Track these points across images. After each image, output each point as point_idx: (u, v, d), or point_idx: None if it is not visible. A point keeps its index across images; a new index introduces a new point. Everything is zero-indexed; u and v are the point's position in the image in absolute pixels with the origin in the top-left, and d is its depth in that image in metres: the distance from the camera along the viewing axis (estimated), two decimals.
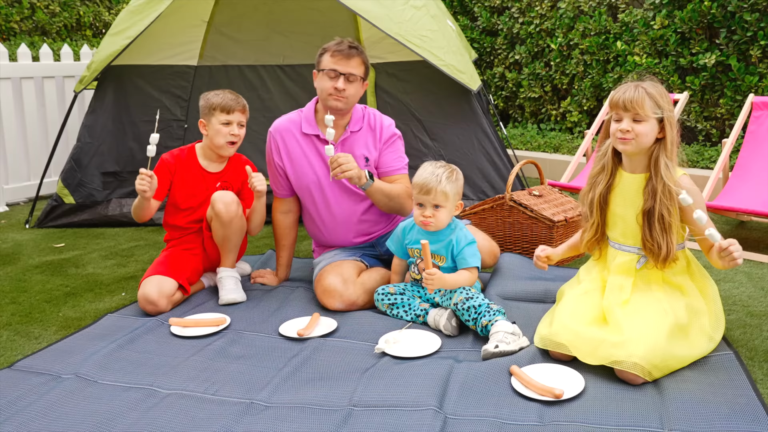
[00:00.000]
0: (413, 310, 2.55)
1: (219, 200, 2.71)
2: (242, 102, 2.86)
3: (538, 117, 6.37)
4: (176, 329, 2.46)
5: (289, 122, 2.85)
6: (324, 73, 2.69)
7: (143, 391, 2.00)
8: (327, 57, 2.70)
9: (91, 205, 4.14)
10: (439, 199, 2.47)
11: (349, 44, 2.70)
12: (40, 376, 2.11)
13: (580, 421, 1.82)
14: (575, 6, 5.69)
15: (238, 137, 2.84)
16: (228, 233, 2.75)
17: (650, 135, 2.16)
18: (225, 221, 2.72)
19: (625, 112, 2.17)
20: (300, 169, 2.82)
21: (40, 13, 6.28)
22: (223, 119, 2.79)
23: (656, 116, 2.15)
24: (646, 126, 2.15)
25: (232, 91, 2.89)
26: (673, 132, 2.16)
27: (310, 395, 1.98)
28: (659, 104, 2.15)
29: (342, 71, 2.67)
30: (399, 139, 2.89)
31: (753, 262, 3.23)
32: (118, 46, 3.89)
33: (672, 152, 2.17)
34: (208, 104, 2.81)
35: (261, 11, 4.41)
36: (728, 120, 4.91)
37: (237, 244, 2.83)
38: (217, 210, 2.71)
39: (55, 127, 4.87)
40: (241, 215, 2.77)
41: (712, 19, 4.75)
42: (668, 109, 2.17)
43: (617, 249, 2.30)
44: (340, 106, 2.71)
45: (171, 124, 4.29)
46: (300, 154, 2.81)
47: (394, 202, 2.77)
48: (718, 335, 2.22)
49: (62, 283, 3.10)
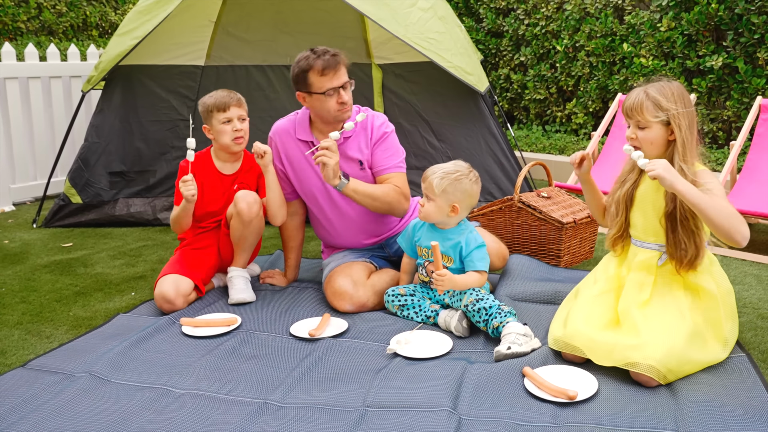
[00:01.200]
0: (424, 311, 2.55)
1: (242, 199, 2.71)
2: (236, 96, 2.83)
3: (543, 119, 6.37)
4: (187, 329, 2.46)
5: (286, 124, 2.83)
6: (326, 95, 2.59)
7: (157, 391, 2.00)
8: (315, 77, 2.57)
9: (99, 204, 4.14)
10: (428, 189, 2.48)
11: (329, 54, 2.58)
12: (53, 375, 2.11)
13: (594, 423, 1.82)
14: (581, 8, 5.69)
15: (242, 131, 2.82)
16: (246, 233, 2.76)
17: (657, 140, 2.14)
18: (246, 220, 2.71)
19: (629, 119, 2.17)
20: (302, 173, 2.80)
21: (47, 13, 6.29)
22: (222, 118, 2.78)
23: (659, 120, 2.11)
24: (649, 132, 2.13)
25: (224, 89, 2.89)
26: (683, 132, 2.11)
27: (324, 396, 1.98)
28: (662, 107, 2.10)
29: (339, 85, 2.59)
30: (391, 136, 2.78)
31: (762, 265, 3.23)
32: (126, 46, 3.89)
33: (686, 153, 2.11)
34: (205, 108, 2.81)
35: (268, 11, 4.41)
36: (735, 122, 4.91)
37: (252, 245, 2.83)
38: (239, 208, 2.70)
39: (61, 126, 4.87)
40: (261, 216, 2.77)
41: (719, 22, 4.75)
42: (675, 109, 2.10)
43: (638, 246, 2.28)
44: (350, 115, 2.69)
45: (178, 124, 4.30)
46: (301, 158, 2.78)
47: (379, 202, 2.67)
48: (732, 340, 2.21)
49: (71, 283, 3.10)
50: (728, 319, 2.21)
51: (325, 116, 2.68)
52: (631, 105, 2.14)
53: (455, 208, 2.48)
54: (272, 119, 4.25)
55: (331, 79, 2.58)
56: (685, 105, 2.13)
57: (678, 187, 2.00)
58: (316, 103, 2.64)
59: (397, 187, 2.71)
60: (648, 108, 2.11)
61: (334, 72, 2.58)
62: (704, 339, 2.12)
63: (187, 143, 2.65)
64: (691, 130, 2.13)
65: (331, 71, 2.57)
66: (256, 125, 4.36)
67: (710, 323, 2.16)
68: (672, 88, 2.14)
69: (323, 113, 2.67)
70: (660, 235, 2.21)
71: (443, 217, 2.51)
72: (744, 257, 3.33)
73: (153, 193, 4.23)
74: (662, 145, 2.15)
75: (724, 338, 2.17)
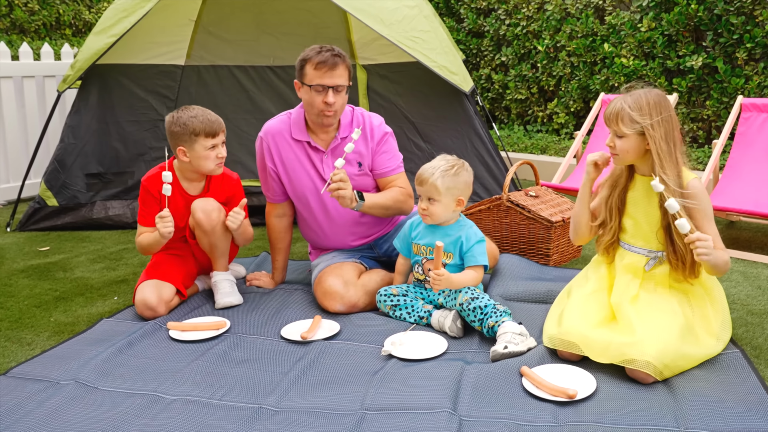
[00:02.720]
0: (417, 311, 2.51)
1: (199, 209, 2.62)
2: (219, 119, 2.66)
3: (525, 119, 6.39)
4: (175, 333, 2.39)
5: (279, 125, 2.75)
6: (312, 89, 2.56)
7: (147, 397, 1.94)
8: (310, 69, 2.55)
9: (76, 207, 4.03)
10: (431, 192, 2.44)
11: (331, 53, 2.55)
12: (37, 383, 2.02)
13: (595, 422, 1.80)
14: (562, 8, 5.72)
15: (224, 157, 2.68)
16: (213, 240, 2.68)
17: (633, 149, 2.14)
18: (207, 230, 2.64)
19: (608, 127, 2.18)
20: (295, 175, 2.74)
21: (19, 11, 6.12)
22: (209, 144, 2.60)
23: (635, 131, 2.11)
24: (626, 142, 2.14)
25: (203, 108, 2.65)
26: (656, 144, 2.09)
27: (320, 399, 1.93)
28: (634, 119, 2.10)
29: (329, 84, 2.54)
30: (391, 137, 2.79)
31: (747, 262, 3.26)
32: (103, 45, 3.80)
33: (663, 164, 2.09)
34: (188, 130, 2.56)
35: (250, 11, 4.34)
36: (715, 122, 4.98)
37: (225, 249, 2.75)
38: (197, 219, 2.62)
39: (34, 127, 4.74)
40: (224, 221, 2.65)
41: (698, 22, 4.81)
42: (649, 122, 2.09)
43: (626, 249, 2.29)
44: (331, 122, 2.64)
45: (157, 125, 4.21)
46: (294, 159, 2.72)
47: (391, 210, 2.72)
48: (726, 335, 2.22)
49: (51, 288, 3.00)
50: (718, 313, 2.23)
51: (309, 113, 2.64)
52: (608, 114, 2.16)
53: (461, 201, 2.48)
54: (255, 121, 4.22)
55: (323, 76, 2.54)
56: (663, 114, 2.11)
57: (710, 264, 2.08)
58: (305, 96, 2.61)
59: (402, 189, 2.74)
60: (623, 119, 2.12)
61: (329, 69, 2.54)
62: (696, 334, 2.13)
63: (163, 177, 2.46)
64: (668, 139, 2.11)
65: (325, 67, 2.53)
66: (239, 127, 4.31)
67: (700, 318, 2.18)
68: (650, 97, 2.12)
69: (308, 109, 2.63)
70: (649, 240, 2.23)
71: (449, 214, 2.49)
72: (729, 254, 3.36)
73: (132, 195, 4.13)
74: (639, 153, 2.16)
75: (716, 333, 2.19)
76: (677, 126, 2.16)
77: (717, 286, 2.29)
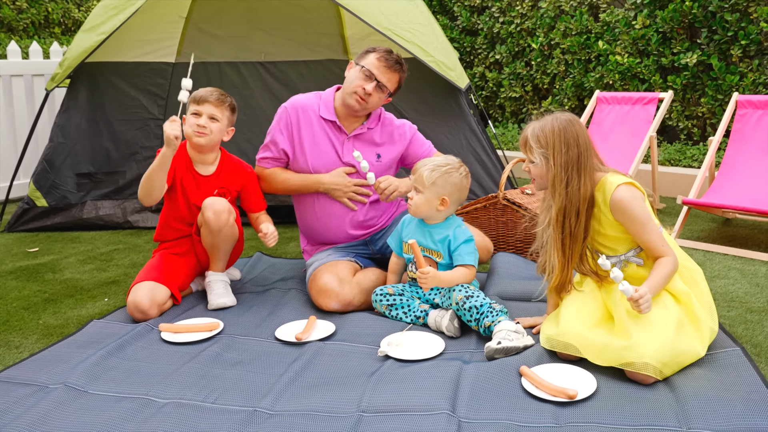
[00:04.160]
0: (413, 311, 2.48)
1: (209, 207, 2.59)
2: (218, 95, 2.66)
3: (519, 117, 6.37)
4: (167, 335, 2.34)
5: (308, 100, 2.81)
6: (361, 70, 2.67)
7: (138, 401, 1.89)
8: (372, 57, 2.69)
9: (65, 207, 3.97)
10: (417, 181, 2.46)
11: (397, 59, 2.71)
12: (25, 387, 1.97)
13: (596, 422, 1.77)
14: (556, 5, 5.70)
15: (205, 128, 2.62)
16: (217, 242, 2.64)
17: (542, 174, 2.14)
18: (214, 230, 2.60)
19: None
20: (314, 149, 2.75)
21: (7, 9, 6.05)
22: (193, 110, 2.65)
23: (543, 157, 2.11)
24: (535, 167, 2.15)
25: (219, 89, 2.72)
26: (552, 172, 2.08)
27: (316, 401, 1.89)
28: (533, 149, 2.12)
29: (378, 78, 2.66)
30: (416, 129, 2.94)
31: (744, 259, 3.25)
32: (93, 42, 3.74)
33: (553, 191, 2.10)
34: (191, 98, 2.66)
35: (241, 7, 4.29)
36: (709, 119, 4.97)
37: (226, 253, 2.71)
38: (206, 218, 2.59)
39: (23, 127, 4.68)
40: (232, 224, 2.64)
41: (693, 19, 4.79)
42: (547, 152, 2.09)
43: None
44: (357, 108, 2.70)
45: (148, 123, 4.15)
46: (315, 135, 2.76)
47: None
48: (714, 324, 2.18)
49: (40, 289, 2.94)
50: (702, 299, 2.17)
51: (344, 90, 2.72)
52: (520, 139, 2.20)
53: (445, 201, 2.45)
54: (246, 117, 4.16)
55: (378, 68, 2.67)
56: (565, 144, 2.08)
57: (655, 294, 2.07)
58: (351, 74, 2.71)
59: None
60: (528, 145, 2.15)
61: (386, 68, 2.67)
62: (689, 328, 2.10)
63: (182, 83, 2.46)
64: (569, 166, 2.07)
65: (385, 64, 2.67)
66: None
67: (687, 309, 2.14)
68: (555, 125, 2.10)
69: (346, 86, 2.72)
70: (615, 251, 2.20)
71: (432, 211, 2.46)
72: (726, 252, 3.35)
73: (123, 195, 4.07)
74: (548, 179, 2.15)
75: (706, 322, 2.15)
76: (588, 145, 2.11)
77: (698, 271, 2.24)
